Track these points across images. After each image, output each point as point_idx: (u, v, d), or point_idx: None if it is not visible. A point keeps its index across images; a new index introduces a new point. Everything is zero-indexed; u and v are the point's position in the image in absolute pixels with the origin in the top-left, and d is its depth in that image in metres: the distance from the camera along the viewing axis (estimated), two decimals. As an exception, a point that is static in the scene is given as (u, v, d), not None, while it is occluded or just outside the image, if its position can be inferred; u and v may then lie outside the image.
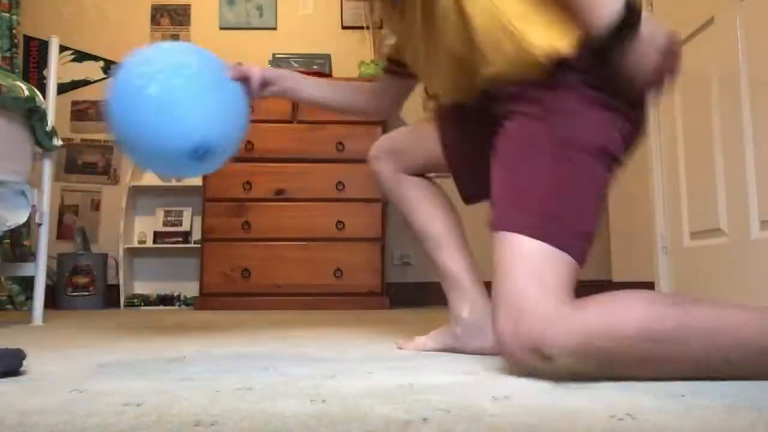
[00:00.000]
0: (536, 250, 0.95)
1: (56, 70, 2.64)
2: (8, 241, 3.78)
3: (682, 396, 0.77)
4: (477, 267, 1.37)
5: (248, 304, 3.47)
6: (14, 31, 3.96)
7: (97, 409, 0.73)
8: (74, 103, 4.17)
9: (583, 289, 3.56)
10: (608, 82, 1.02)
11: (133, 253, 3.98)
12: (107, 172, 4.15)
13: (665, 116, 2.35)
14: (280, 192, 3.60)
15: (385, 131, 3.69)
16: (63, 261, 3.77)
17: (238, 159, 3.60)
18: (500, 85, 1.11)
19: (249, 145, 3.62)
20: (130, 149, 1.21)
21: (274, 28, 4.25)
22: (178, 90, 1.18)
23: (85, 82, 4.20)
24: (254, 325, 2.17)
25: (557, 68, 1.03)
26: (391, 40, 1.54)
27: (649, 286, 2.38)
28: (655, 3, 2.42)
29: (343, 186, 3.57)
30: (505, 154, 1.08)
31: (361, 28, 4.16)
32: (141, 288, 4.00)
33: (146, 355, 1.27)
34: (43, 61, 4.10)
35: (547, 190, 0.99)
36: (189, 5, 4.26)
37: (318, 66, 3.84)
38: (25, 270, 2.52)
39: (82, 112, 4.18)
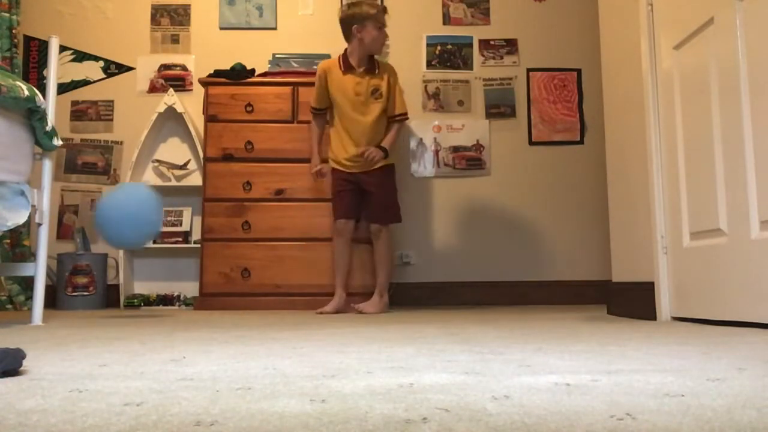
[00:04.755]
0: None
1: (56, 70, 2.64)
2: (8, 241, 3.78)
3: (682, 396, 0.77)
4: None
5: (248, 304, 3.47)
6: (14, 31, 3.96)
7: (97, 409, 0.73)
8: (74, 103, 4.17)
9: (584, 288, 3.59)
10: None
11: (133, 253, 3.97)
12: (107, 172, 4.15)
13: (665, 116, 2.35)
14: (280, 192, 3.60)
15: (385, 131, 3.69)
16: (63, 261, 3.77)
17: (238, 159, 3.61)
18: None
19: (249, 145, 3.62)
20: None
21: (274, 28, 4.26)
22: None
23: (85, 82, 4.20)
24: (254, 325, 2.17)
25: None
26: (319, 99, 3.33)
27: (649, 286, 2.38)
28: (655, 3, 2.42)
29: (343, 186, 3.57)
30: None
31: (361, 28, 4.15)
32: (141, 288, 4.00)
33: (146, 355, 1.27)
34: (43, 61, 4.10)
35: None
36: (189, 5, 4.26)
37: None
38: (25, 270, 2.52)
39: (82, 112, 4.18)
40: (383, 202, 3.24)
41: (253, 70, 3.81)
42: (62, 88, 4.05)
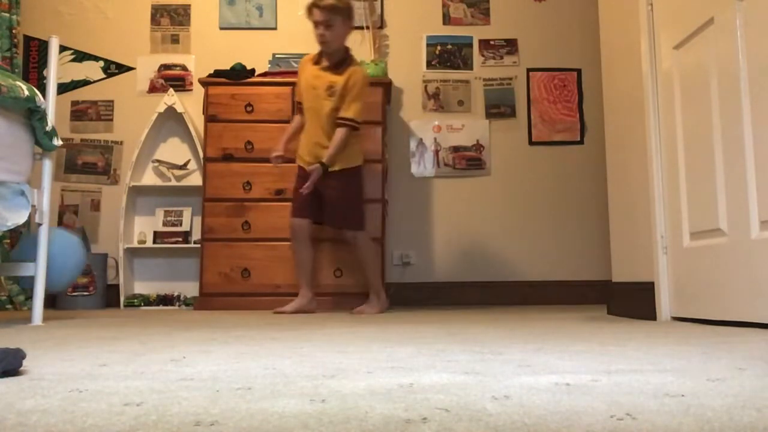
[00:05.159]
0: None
1: (56, 70, 2.64)
2: (8, 241, 3.78)
3: (682, 396, 0.77)
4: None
5: (248, 304, 3.47)
6: (14, 31, 3.96)
7: (97, 409, 0.73)
8: (74, 103, 4.18)
9: (585, 288, 3.58)
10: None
11: (133, 253, 3.98)
12: (107, 172, 4.15)
13: (665, 116, 2.35)
14: (279, 192, 3.60)
15: (384, 133, 3.69)
16: (63, 261, 3.76)
17: (238, 159, 3.60)
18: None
19: (249, 145, 3.62)
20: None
21: (274, 28, 4.26)
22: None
23: (85, 82, 4.20)
24: (254, 325, 2.17)
25: None
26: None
27: (649, 286, 2.38)
28: (655, 3, 2.42)
29: (343, 186, 3.56)
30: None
31: (361, 28, 4.16)
32: (141, 288, 4.00)
33: (146, 355, 1.27)
34: (43, 61, 4.10)
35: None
36: (189, 5, 4.26)
37: (318, 66, 3.83)
38: (25, 270, 2.52)
39: (82, 112, 4.18)
40: (339, 207, 3.09)
41: (253, 70, 3.81)
42: (62, 88, 4.05)
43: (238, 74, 3.73)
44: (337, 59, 3.12)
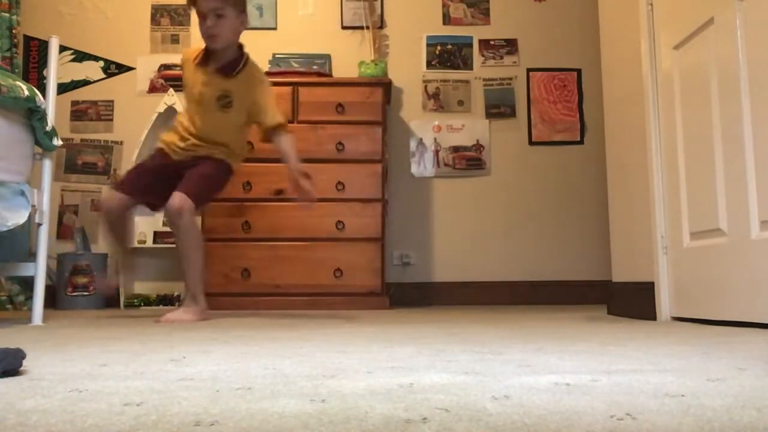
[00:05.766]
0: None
1: (56, 70, 2.63)
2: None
3: (682, 396, 0.77)
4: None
5: (248, 304, 3.47)
6: (14, 31, 3.96)
7: (97, 409, 0.73)
8: (74, 103, 4.18)
9: (585, 288, 3.57)
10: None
11: (133, 253, 3.97)
12: (107, 172, 4.15)
13: (665, 116, 2.35)
14: (279, 192, 3.59)
15: (384, 133, 3.69)
16: (63, 261, 3.77)
17: (238, 159, 3.60)
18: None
19: (249, 145, 3.62)
20: None
21: (274, 28, 4.25)
22: None
23: (85, 82, 4.20)
24: (254, 326, 2.17)
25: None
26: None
27: (649, 286, 2.38)
28: (655, 3, 2.42)
29: (343, 186, 3.57)
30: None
31: (361, 28, 4.17)
32: (141, 288, 4.00)
33: (146, 355, 1.27)
34: (43, 61, 4.10)
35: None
36: (189, 5, 4.26)
37: (318, 66, 3.83)
38: (25, 270, 2.52)
39: (82, 112, 4.18)
40: (194, 177, 2.58)
41: (253, 70, 3.80)
42: (62, 88, 4.05)
43: (238, 74, 3.72)
44: (228, 59, 2.66)
